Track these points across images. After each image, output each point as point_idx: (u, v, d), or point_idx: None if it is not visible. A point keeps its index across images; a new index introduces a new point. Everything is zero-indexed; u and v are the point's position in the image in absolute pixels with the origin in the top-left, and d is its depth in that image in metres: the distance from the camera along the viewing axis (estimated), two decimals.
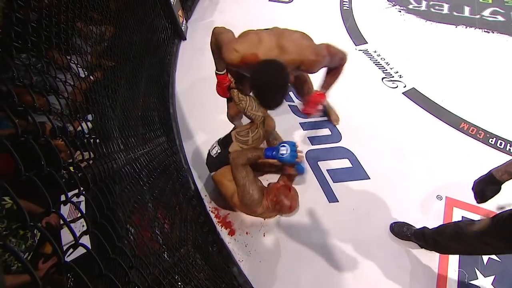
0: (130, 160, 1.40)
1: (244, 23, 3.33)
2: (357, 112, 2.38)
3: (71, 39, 1.45)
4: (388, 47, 2.87)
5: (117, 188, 1.05)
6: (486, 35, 2.89)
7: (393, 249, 1.72)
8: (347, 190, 1.97)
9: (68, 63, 1.26)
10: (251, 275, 1.70)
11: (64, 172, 0.96)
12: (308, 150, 2.20)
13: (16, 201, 0.38)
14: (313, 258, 1.74)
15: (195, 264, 1.44)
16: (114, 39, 1.95)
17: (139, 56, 2.19)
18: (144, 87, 2.21)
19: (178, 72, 2.94)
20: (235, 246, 1.83)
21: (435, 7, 3.26)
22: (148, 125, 2.03)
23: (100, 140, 1.17)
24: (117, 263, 0.70)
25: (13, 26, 0.66)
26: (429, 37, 2.93)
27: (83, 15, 1.53)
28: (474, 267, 1.62)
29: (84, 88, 1.29)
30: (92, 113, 1.35)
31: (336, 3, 3.46)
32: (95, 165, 0.88)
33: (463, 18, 3.09)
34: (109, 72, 1.72)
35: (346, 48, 2.87)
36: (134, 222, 1.06)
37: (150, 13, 2.60)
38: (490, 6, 3.20)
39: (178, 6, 2.95)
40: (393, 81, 2.58)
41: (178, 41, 3.16)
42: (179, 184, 1.94)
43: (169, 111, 2.53)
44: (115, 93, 1.68)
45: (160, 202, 1.49)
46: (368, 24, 3.15)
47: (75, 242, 0.50)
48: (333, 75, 1.63)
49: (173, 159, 2.11)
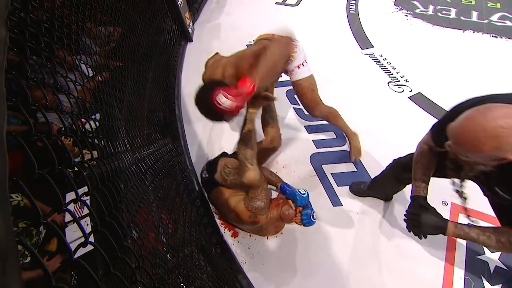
0: (136, 160, 1.41)
1: (250, 25, 3.37)
2: (363, 116, 2.37)
3: (80, 39, 1.47)
4: (395, 51, 2.86)
5: (123, 187, 1.05)
6: (494, 40, 2.87)
7: (397, 254, 1.70)
8: (351, 194, 1.96)
9: (77, 63, 1.27)
10: (253, 278, 1.70)
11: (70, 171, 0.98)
12: (312, 153, 2.19)
13: (31, 198, 0.38)
14: (316, 262, 1.73)
15: (199, 265, 1.44)
16: (122, 39, 1.97)
17: (146, 57, 2.21)
18: (150, 88, 2.23)
19: (184, 73, 2.96)
20: (238, 248, 1.83)
21: (442, 12, 3.25)
22: (154, 126, 2.05)
23: (107, 140, 1.18)
24: (122, 263, 0.71)
25: (28, 27, 0.67)
26: (436, 41, 2.92)
27: (92, 16, 1.55)
28: (481, 275, 1.59)
29: (92, 88, 1.30)
30: (99, 113, 1.37)
31: (342, 7, 3.46)
32: (102, 164, 0.88)
33: (470, 23, 3.07)
34: (117, 72, 1.74)
35: (352, 52, 2.91)
36: (140, 222, 1.07)
37: (158, 14, 2.62)
38: (498, 11, 3.17)
39: (185, 8, 2.98)
40: (399, 86, 2.57)
41: (184, 43, 3.19)
42: (184, 185, 1.94)
43: (174, 112, 2.55)
44: (122, 93, 1.69)
45: (164, 202, 1.49)
46: (375, 28, 3.15)
47: (85, 240, 0.50)
48: None
49: (178, 160, 2.12)
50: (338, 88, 2.54)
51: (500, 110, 0.76)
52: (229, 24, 3.45)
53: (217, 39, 3.27)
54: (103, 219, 0.71)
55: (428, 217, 1.08)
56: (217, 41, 3.24)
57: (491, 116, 0.75)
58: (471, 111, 0.81)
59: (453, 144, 0.85)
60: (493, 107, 0.78)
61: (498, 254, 1.63)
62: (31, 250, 0.34)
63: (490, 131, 0.74)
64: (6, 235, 0.22)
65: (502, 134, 0.72)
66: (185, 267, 1.27)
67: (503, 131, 0.72)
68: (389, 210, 1.87)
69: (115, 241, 0.68)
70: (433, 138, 1.14)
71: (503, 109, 0.76)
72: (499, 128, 0.73)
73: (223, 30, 3.38)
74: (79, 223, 0.51)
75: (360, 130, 2.28)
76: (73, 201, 0.55)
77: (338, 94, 1.80)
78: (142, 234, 1.02)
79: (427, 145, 1.19)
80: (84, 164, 0.80)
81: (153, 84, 2.29)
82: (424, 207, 1.10)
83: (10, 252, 0.22)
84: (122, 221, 0.76)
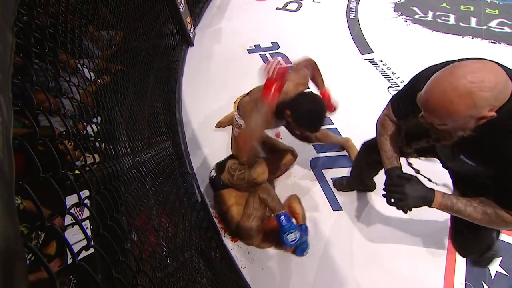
0: (137, 163, 1.41)
1: (251, 30, 3.39)
2: (363, 121, 2.37)
3: (83, 43, 1.48)
4: (394, 56, 2.88)
5: (124, 191, 1.06)
6: (493, 46, 2.89)
7: (397, 259, 1.70)
8: (351, 198, 1.96)
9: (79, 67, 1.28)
10: (253, 282, 1.69)
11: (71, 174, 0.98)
12: (313, 158, 2.20)
13: (36, 202, 0.39)
14: (316, 267, 1.72)
15: (198, 269, 1.44)
16: (124, 43, 1.99)
17: (147, 61, 2.23)
18: (151, 91, 2.24)
19: (185, 77, 2.97)
20: (238, 252, 1.82)
21: (441, 18, 3.28)
22: (155, 129, 2.05)
23: (108, 143, 1.18)
24: (122, 266, 0.71)
25: (33, 32, 0.68)
26: (435, 47, 2.94)
27: (95, 20, 1.56)
28: (481, 280, 1.59)
29: (94, 91, 1.31)
30: (101, 116, 1.38)
31: (342, 12, 3.50)
32: (104, 168, 0.89)
33: (469, 29, 3.10)
34: (118, 76, 1.75)
35: (352, 57, 2.92)
36: (140, 225, 1.07)
37: (159, 19, 2.65)
38: (496, 17, 3.20)
39: (186, 13, 3.01)
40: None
41: (185, 47, 3.21)
42: (184, 189, 1.94)
43: (175, 116, 2.55)
44: (123, 97, 1.70)
45: (164, 206, 1.49)
46: (374, 34, 3.17)
47: (87, 243, 0.51)
48: (317, 75, 1.79)
49: (178, 163, 2.12)
50: (338, 93, 2.54)
51: (467, 66, 0.72)
52: (230, 29, 3.48)
53: (218, 44, 3.29)
54: (104, 223, 0.71)
55: (413, 187, 0.99)
56: (218, 46, 3.27)
57: (459, 73, 0.71)
58: (437, 74, 0.76)
59: (426, 114, 0.80)
60: (459, 65, 0.73)
61: (499, 260, 1.63)
62: (37, 254, 0.35)
63: (462, 89, 0.69)
64: (15, 237, 0.23)
65: (474, 89, 0.68)
66: (185, 271, 1.27)
67: (474, 85, 0.68)
68: (389, 214, 1.87)
69: (116, 245, 0.68)
70: (394, 111, 1.10)
71: (470, 64, 0.72)
72: (470, 84, 0.68)
73: (224, 35, 3.41)
74: (82, 226, 0.52)
75: (360, 135, 2.28)
76: (76, 205, 0.56)
77: (338, 99, 1.81)
78: (142, 237, 1.02)
79: (388, 118, 1.15)
80: (85, 168, 0.80)
81: (154, 88, 2.31)
82: (405, 178, 1.03)
83: (18, 255, 0.22)
84: (123, 225, 0.76)
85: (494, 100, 0.70)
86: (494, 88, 0.69)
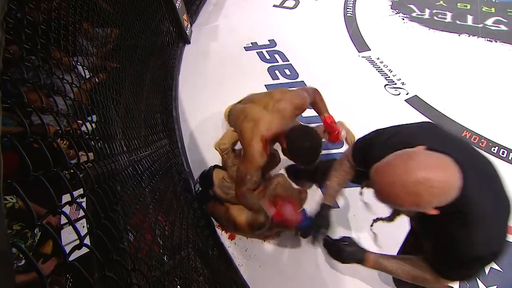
0: (133, 162, 1.41)
1: (248, 28, 3.38)
2: (359, 118, 2.37)
3: (77, 40, 1.47)
4: (391, 54, 2.88)
5: (120, 189, 1.05)
6: (489, 44, 2.90)
7: None
8: (347, 196, 1.97)
9: (74, 64, 1.27)
10: (250, 280, 1.69)
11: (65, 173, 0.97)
12: None
13: (25, 200, 0.38)
14: (312, 264, 1.73)
15: (195, 267, 1.43)
16: (119, 41, 1.97)
17: (143, 59, 2.21)
18: (148, 89, 2.22)
19: (182, 75, 2.95)
20: (235, 250, 1.82)
21: (438, 16, 3.28)
22: (151, 127, 2.04)
23: (104, 142, 1.17)
24: (118, 265, 0.70)
25: (24, 28, 0.67)
26: (432, 45, 2.94)
27: (90, 17, 1.54)
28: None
29: (89, 89, 1.30)
30: (96, 114, 1.36)
31: (339, 10, 3.49)
32: (99, 166, 0.88)
33: (466, 27, 3.11)
34: (114, 74, 1.73)
35: (349, 55, 2.92)
36: (136, 224, 1.06)
37: (155, 16, 2.62)
38: (493, 15, 3.21)
39: (183, 10, 2.98)
40: (396, 88, 2.58)
41: (182, 45, 3.19)
42: (180, 187, 1.94)
43: (172, 114, 2.54)
44: (119, 95, 1.69)
45: (161, 204, 1.49)
46: (372, 31, 3.17)
47: (80, 242, 0.50)
48: (318, 100, 1.75)
49: (175, 161, 2.11)
50: (335, 91, 2.55)
51: (421, 162, 0.72)
52: (227, 26, 3.46)
53: (214, 41, 3.28)
54: (98, 221, 0.70)
55: (348, 249, 1.11)
56: (215, 43, 3.25)
57: (411, 168, 0.71)
58: (391, 160, 0.77)
59: (374, 192, 0.81)
60: (415, 155, 0.74)
61: None
62: (26, 253, 0.34)
63: (410, 187, 0.70)
64: (1, 237, 0.22)
65: (421, 192, 0.69)
66: (182, 269, 1.26)
67: (422, 188, 0.69)
68: (386, 213, 1.87)
69: (111, 243, 0.68)
70: (353, 157, 1.19)
71: (424, 160, 0.72)
72: (419, 185, 0.69)
73: (221, 32, 3.39)
74: (74, 225, 0.51)
75: (357, 132, 2.29)
76: (69, 203, 0.55)
77: (335, 96, 1.82)
78: (138, 236, 1.01)
79: (347, 160, 1.23)
80: (80, 166, 0.80)
81: (150, 85, 2.29)
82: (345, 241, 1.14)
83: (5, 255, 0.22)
84: (118, 223, 0.76)
85: (438, 203, 0.72)
86: (440, 194, 0.71)
